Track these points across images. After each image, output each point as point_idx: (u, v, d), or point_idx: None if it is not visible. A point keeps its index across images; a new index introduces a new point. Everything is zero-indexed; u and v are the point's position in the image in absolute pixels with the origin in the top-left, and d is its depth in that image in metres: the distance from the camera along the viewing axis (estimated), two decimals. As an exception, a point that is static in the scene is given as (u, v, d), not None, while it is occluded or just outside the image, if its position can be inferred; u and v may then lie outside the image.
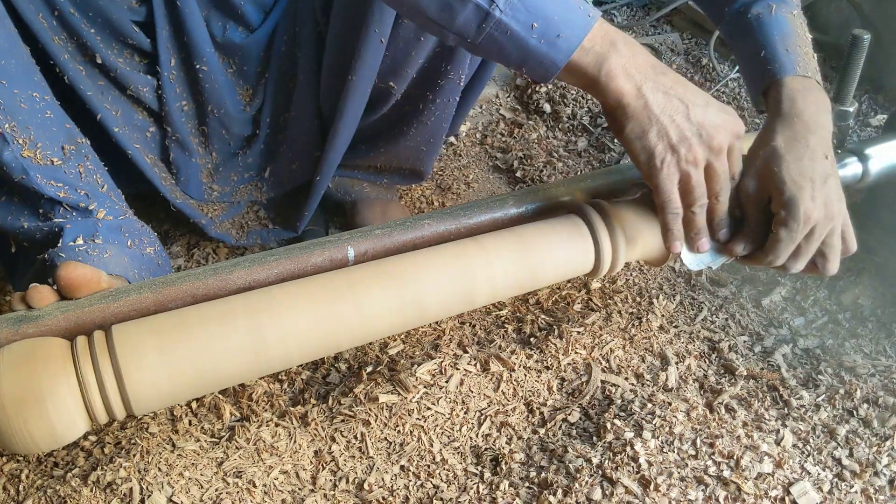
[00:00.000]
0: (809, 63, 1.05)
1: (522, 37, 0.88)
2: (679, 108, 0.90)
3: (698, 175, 0.94)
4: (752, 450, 1.12)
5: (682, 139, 0.91)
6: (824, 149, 0.99)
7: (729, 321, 1.37)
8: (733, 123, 0.95)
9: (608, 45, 0.89)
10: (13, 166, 1.02)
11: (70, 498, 1.02)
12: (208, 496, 1.04)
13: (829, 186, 0.98)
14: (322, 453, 1.13)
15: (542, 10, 0.88)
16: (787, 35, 1.06)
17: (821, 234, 1.00)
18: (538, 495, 1.07)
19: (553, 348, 1.28)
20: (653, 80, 0.90)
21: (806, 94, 1.02)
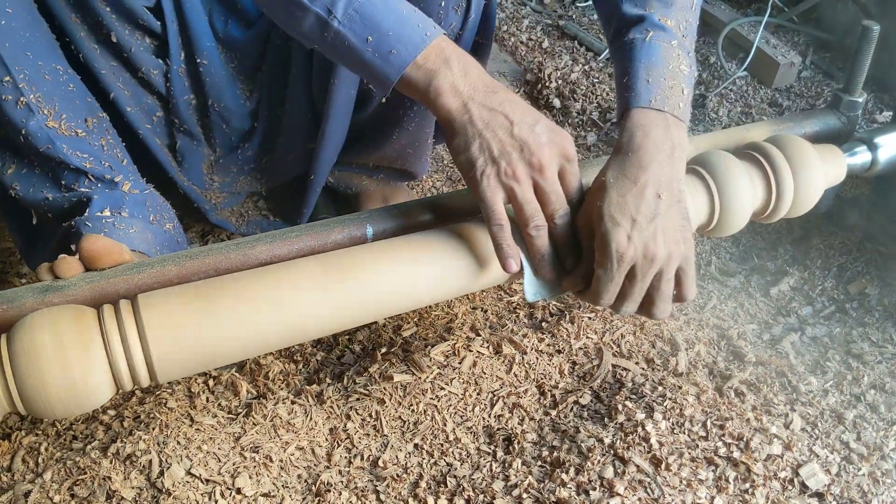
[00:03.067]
0: (670, 98, 0.97)
1: (358, 49, 0.91)
2: (503, 124, 0.90)
3: (523, 191, 0.91)
4: (761, 432, 1.14)
5: (502, 153, 0.90)
6: (658, 187, 0.92)
7: (738, 310, 1.39)
8: (561, 144, 0.93)
9: (440, 63, 0.91)
10: (39, 136, 1.04)
11: (90, 469, 1.04)
12: (226, 469, 1.06)
13: (655, 227, 0.91)
14: (337, 431, 1.15)
15: (378, 25, 0.91)
16: (654, 65, 0.98)
17: (644, 275, 0.93)
18: (551, 473, 1.09)
19: (565, 332, 1.30)
20: (481, 97, 0.91)
21: (650, 129, 0.95)
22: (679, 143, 0.97)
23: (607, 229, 0.91)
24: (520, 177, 0.90)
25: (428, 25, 0.92)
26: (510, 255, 0.92)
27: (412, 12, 0.93)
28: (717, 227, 1.10)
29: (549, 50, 2.16)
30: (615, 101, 1.16)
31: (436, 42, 0.92)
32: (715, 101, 1.96)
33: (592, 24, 2.30)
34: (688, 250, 0.95)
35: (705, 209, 1.08)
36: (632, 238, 0.90)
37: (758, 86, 2.03)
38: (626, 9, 1.04)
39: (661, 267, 0.93)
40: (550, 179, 0.92)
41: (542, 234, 0.94)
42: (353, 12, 0.91)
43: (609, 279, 0.93)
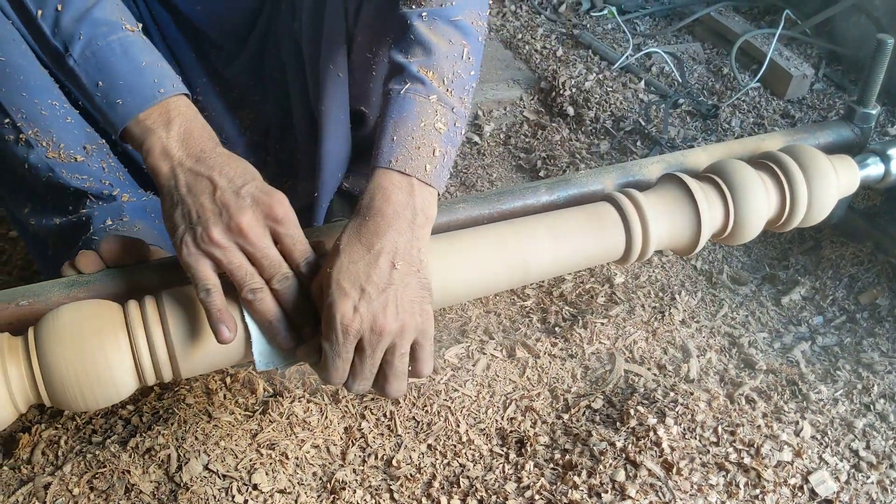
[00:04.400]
0: (415, 160, 0.88)
1: (89, 90, 0.88)
2: (206, 189, 0.85)
3: (228, 257, 0.84)
4: (771, 439, 1.15)
5: (199, 219, 0.84)
6: (394, 256, 0.85)
7: (749, 318, 1.40)
8: (268, 206, 0.85)
9: (161, 123, 0.87)
10: (39, 167, 1.10)
11: (109, 462, 1.05)
12: (243, 465, 1.07)
13: (387, 297, 0.84)
14: (352, 430, 1.16)
15: (111, 72, 0.87)
16: (404, 122, 0.90)
17: (373, 350, 0.85)
18: (563, 475, 1.10)
19: (577, 338, 1.31)
20: (191, 163, 0.86)
21: (391, 193, 0.87)
22: (422, 210, 0.89)
23: (334, 298, 0.84)
24: (219, 241, 0.84)
25: (166, 82, 0.89)
26: (220, 319, 0.84)
27: (154, 66, 0.89)
28: (730, 234, 1.12)
29: (564, 58, 2.17)
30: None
31: (168, 101, 0.88)
32: (728, 112, 1.97)
33: (606, 33, 2.32)
34: (424, 323, 0.88)
35: (720, 217, 1.10)
36: (358, 309, 0.83)
37: (770, 97, 2.05)
38: (393, 55, 0.96)
39: (394, 341, 0.86)
40: (257, 244, 0.85)
41: (261, 297, 0.86)
42: (89, 54, 0.88)
43: (336, 354, 0.85)
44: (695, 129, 1.92)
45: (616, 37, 2.30)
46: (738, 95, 2.03)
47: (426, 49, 0.93)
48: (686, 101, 2.00)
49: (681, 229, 1.08)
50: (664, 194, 1.09)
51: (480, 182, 1.78)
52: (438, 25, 0.94)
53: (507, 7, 2.46)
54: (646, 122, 1.90)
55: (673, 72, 2.12)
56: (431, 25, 0.94)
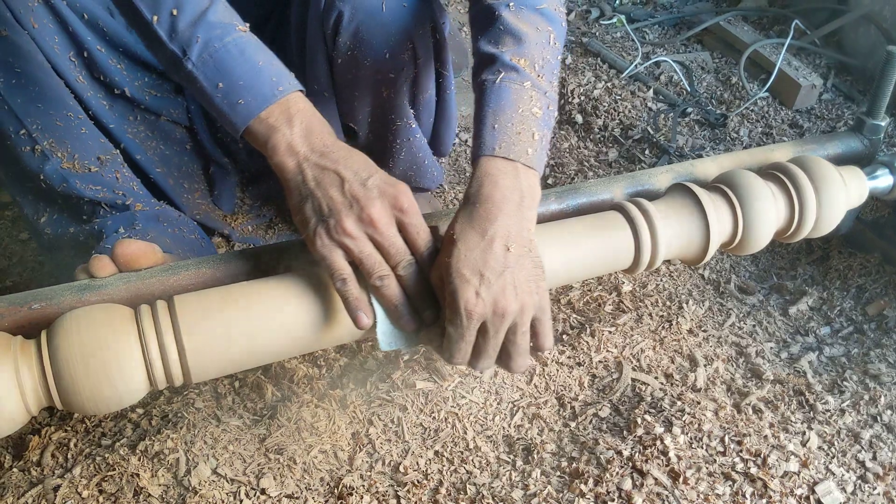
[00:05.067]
0: (517, 145, 0.92)
1: (208, 92, 0.91)
2: (334, 182, 0.88)
3: (359, 246, 0.88)
4: (778, 449, 1.15)
5: (332, 211, 0.88)
6: (506, 240, 0.88)
7: (756, 328, 1.40)
8: (393, 197, 0.89)
9: (283, 121, 0.90)
10: (54, 177, 1.14)
11: (118, 465, 1.06)
12: (251, 470, 1.08)
13: (504, 280, 0.87)
14: (360, 435, 1.17)
15: (230, 73, 0.90)
16: (502, 110, 0.93)
17: (497, 330, 0.89)
18: (570, 483, 1.10)
19: (585, 346, 1.31)
20: (316, 157, 0.90)
21: (498, 178, 0.91)
22: (529, 192, 0.92)
23: (455, 286, 0.87)
24: (351, 232, 0.88)
25: (284, 80, 0.92)
26: (358, 307, 0.89)
27: (270, 65, 0.92)
28: (739, 244, 1.12)
29: (573, 66, 2.18)
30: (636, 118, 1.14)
31: (287, 98, 0.91)
32: (736, 121, 1.97)
33: (615, 42, 2.32)
34: (542, 300, 0.91)
35: (729, 227, 1.10)
36: (480, 294, 0.87)
37: (779, 107, 2.05)
38: (482, 46, 0.99)
39: (515, 320, 0.89)
40: (385, 233, 0.89)
41: (388, 283, 0.90)
42: (207, 56, 0.90)
43: (459, 337, 0.89)
44: (703, 138, 1.93)
45: (625, 45, 2.31)
46: (747, 105, 2.03)
47: (516, 38, 0.97)
48: (694, 109, 2.00)
49: (690, 239, 1.08)
50: (673, 204, 1.09)
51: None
52: (525, 14, 0.98)
53: (516, 14, 2.46)
54: (654, 131, 1.90)
55: (682, 81, 2.12)
56: (519, 14, 0.98)
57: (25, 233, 1.58)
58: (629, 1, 2.55)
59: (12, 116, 1.09)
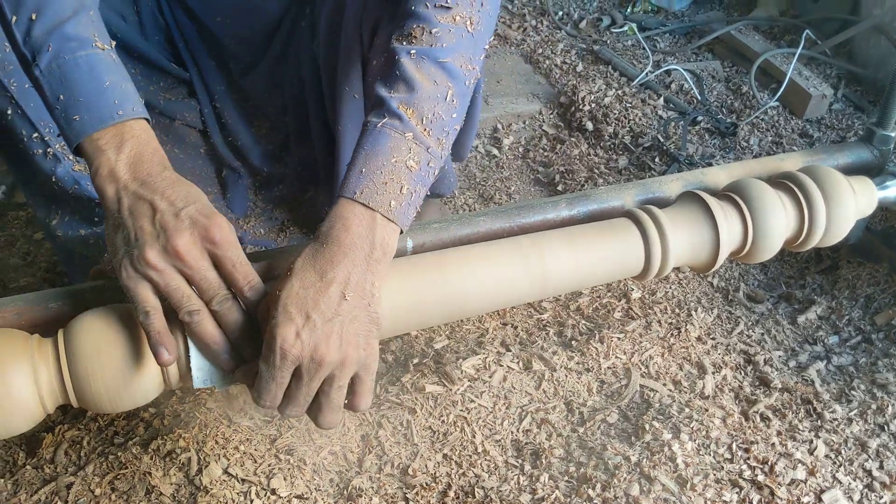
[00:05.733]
0: (381, 195, 0.88)
1: (50, 103, 0.88)
2: (147, 212, 0.84)
3: (164, 279, 0.83)
4: (786, 457, 1.16)
5: (137, 241, 0.83)
6: (345, 287, 0.85)
7: (765, 336, 1.41)
8: (205, 229, 0.84)
9: (112, 145, 0.86)
10: (66, 179, 1.15)
11: (131, 464, 1.07)
12: (261, 470, 1.09)
13: (332, 327, 0.83)
14: (369, 438, 1.18)
15: (73, 87, 0.87)
16: (375, 156, 0.89)
17: (311, 378, 0.84)
18: (577, 488, 1.11)
19: (594, 352, 1.32)
20: (136, 186, 0.85)
21: (351, 223, 0.87)
22: (381, 245, 0.88)
23: (277, 322, 0.83)
24: (155, 264, 0.83)
25: (127, 105, 0.88)
26: (159, 342, 0.84)
27: (117, 87, 0.88)
28: (749, 253, 1.13)
29: (584, 74, 2.19)
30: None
31: (125, 123, 0.87)
32: (746, 130, 1.98)
33: (626, 50, 2.33)
34: (368, 357, 0.87)
35: (738, 235, 1.11)
36: (301, 335, 0.82)
37: (789, 116, 2.05)
38: (376, 88, 0.95)
39: (333, 372, 0.85)
40: (195, 265, 0.84)
41: (198, 319, 0.85)
42: (55, 67, 0.87)
43: (271, 377, 0.84)
44: (713, 147, 1.93)
45: (636, 53, 2.32)
46: (757, 114, 2.04)
47: (409, 86, 0.92)
48: (705, 118, 2.01)
49: (699, 246, 1.09)
50: (684, 211, 1.10)
51: (498, 195, 1.79)
52: (426, 65, 0.93)
53: (527, 22, 2.48)
54: (664, 139, 1.91)
55: (692, 89, 2.13)
56: (419, 64, 0.93)
57: (40, 233, 1.60)
58: (640, 10, 2.56)
59: (25, 120, 1.10)
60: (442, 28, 0.94)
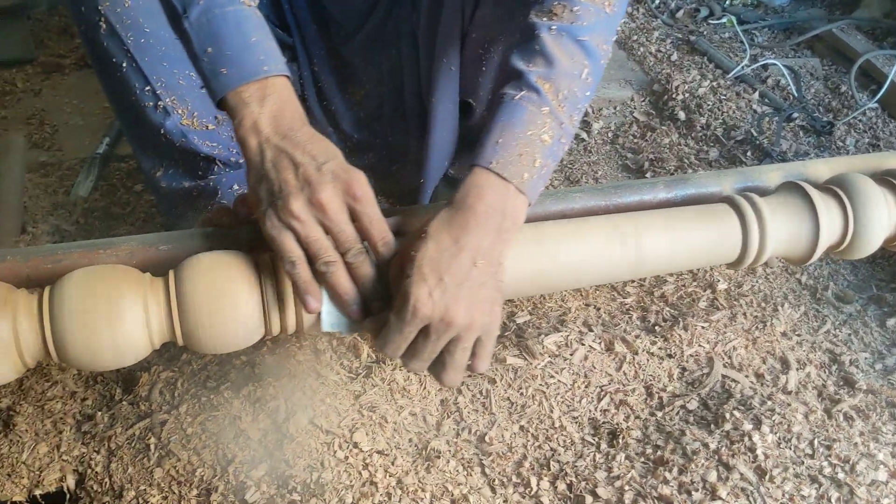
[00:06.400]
0: (515, 166, 0.90)
1: (196, 55, 0.92)
2: (290, 165, 0.87)
3: (305, 230, 0.87)
4: (867, 457, 1.14)
5: (282, 193, 0.87)
6: (476, 254, 0.87)
7: (852, 336, 1.39)
8: (346, 184, 0.87)
9: (256, 99, 0.90)
10: (174, 132, 1.18)
11: (222, 407, 1.11)
12: (345, 424, 1.12)
13: (461, 291, 0.86)
14: (448, 403, 1.20)
15: (220, 41, 0.90)
16: (511, 127, 0.91)
17: (438, 337, 0.88)
18: (654, 470, 1.11)
19: (677, 338, 1.32)
20: (278, 139, 0.89)
21: (485, 192, 0.89)
22: (512, 215, 0.91)
23: (412, 280, 0.86)
24: (299, 215, 0.86)
25: (271, 62, 0.92)
26: (307, 291, 0.89)
27: (262, 44, 0.92)
28: (847, 248, 1.11)
29: (678, 63, 2.17)
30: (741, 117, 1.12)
31: (268, 79, 0.91)
32: (843, 130, 1.94)
33: (723, 42, 2.30)
34: (492, 323, 0.90)
35: (839, 229, 1.09)
36: (433, 295, 0.85)
37: (888, 119, 2.00)
38: (513, 60, 0.97)
39: (459, 334, 0.88)
40: (335, 219, 0.87)
41: (334, 270, 0.88)
42: (204, 20, 0.91)
43: (398, 330, 0.88)
44: (807, 145, 1.90)
45: (733, 46, 2.28)
46: (855, 114, 1.99)
47: (548, 61, 0.94)
48: (800, 115, 1.97)
49: (798, 237, 1.08)
50: (784, 201, 1.09)
51: (585, 178, 1.79)
52: (565, 41, 0.95)
53: (623, 8, 2.46)
54: (758, 134, 1.88)
55: (789, 85, 2.09)
56: (558, 40, 0.95)
57: (139, 185, 1.65)
58: (740, 2, 2.51)
59: (139, 73, 1.14)
60: (582, 7, 0.96)
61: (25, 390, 1.16)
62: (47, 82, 1.98)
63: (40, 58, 2.06)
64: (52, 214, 1.55)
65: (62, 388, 1.17)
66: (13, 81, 1.97)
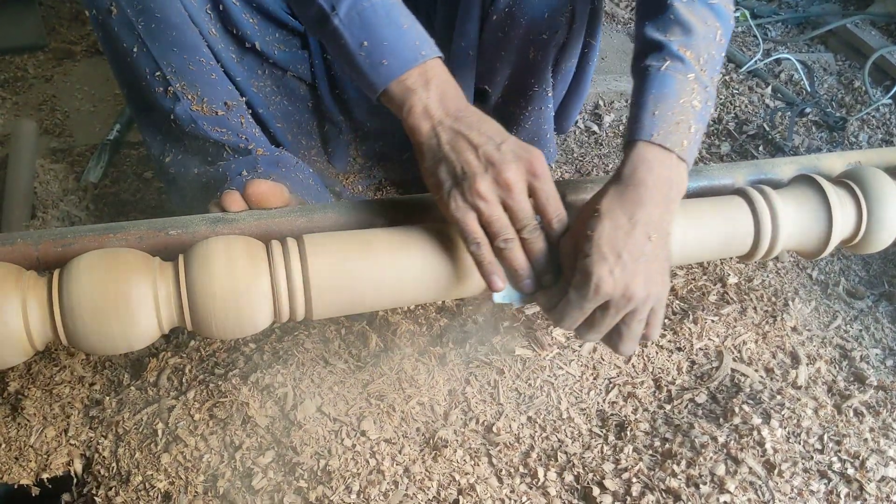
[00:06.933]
0: (675, 135, 0.93)
1: (352, 51, 0.93)
2: (469, 146, 0.90)
3: (490, 209, 0.89)
4: (878, 453, 1.13)
5: (467, 174, 0.89)
6: (649, 228, 0.90)
7: (863, 332, 1.38)
8: (527, 161, 0.90)
9: (420, 84, 0.92)
10: (184, 118, 1.19)
11: (230, 393, 1.11)
12: (353, 412, 1.12)
13: (639, 266, 0.89)
14: (456, 393, 1.20)
15: (376, 32, 0.92)
16: (664, 98, 0.94)
17: (618, 311, 0.91)
18: (661, 463, 1.11)
19: (687, 332, 1.31)
20: (451, 121, 0.91)
21: (653, 165, 0.92)
22: (678, 183, 0.94)
23: (593, 259, 0.88)
24: (486, 196, 0.89)
25: (426, 46, 0.93)
26: (492, 271, 0.92)
27: (413, 29, 0.94)
28: (860, 242, 1.10)
29: (690, 57, 2.15)
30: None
31: (427, 63, 0.93)
32: (856, 126, 1.92)
33: (736, 36, 2.29)
34: (663, 292, 0.93)
35: (852, 222, 1.09)
36: (614, 273, 0.88)
37: (902, 115, 1.99)
38: (649, 32, 1.00)
39: (637, 306, 0.91)
40: (518, 197, 0.90)
41: (512, 247, 0.91)
42: (355, 14, 0.93)
43: (579, 306, 0.91)
44: (820, 140, 1.88)
45: (746, 40, 2.27)
46: (868, 110, 1.98)
47: (685, 29, 0.97)
48: (813, 110, 1.96)
49: (811, 230, 1.07)
50: (798, 194, 1.08)
51: (596, 171, 1.78)
52: (696, 7, 0.98)
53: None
54: (770, 128, 1.87)
55: (802, 80, 2.07)
56: (690, 6, 0.98)
57: (149, 172, 1.65)
58: (753, -4, 2.50)
59: (150, 58, 1.14)
60: None
61: (34, 374, 1.17)
62: (59, 69, 1.98)
63: (52, 44, 2.06)
64: (62, 200, 1.55)
65: (70, 372, 1.17)
66: (25, 68, 1.97)
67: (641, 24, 1.02)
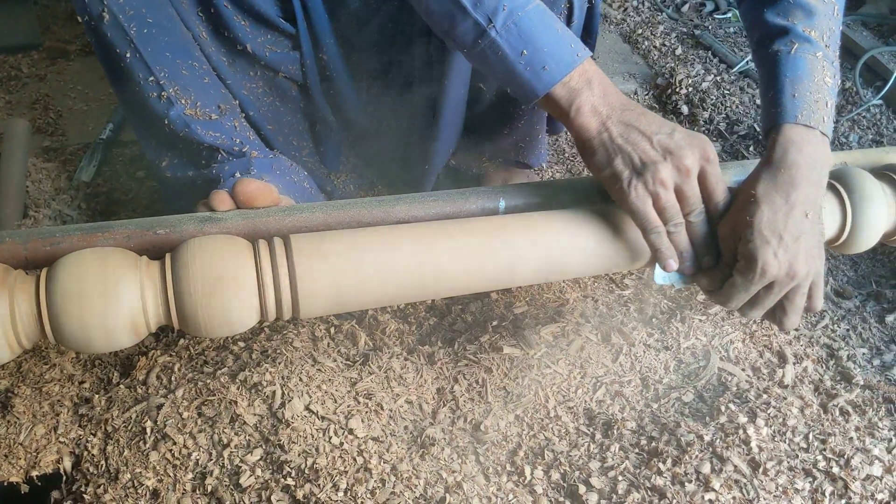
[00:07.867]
0: (816, 112, 0.98)
1: (511, 60, 0.95)
2: (642, 137, 0.94)
3: (667, 196, 0.95)
4: (863, 452, 1.14)
5: (646, 163, 0.94)
6: (805, 206, 0.95)
7: (850, 332, 1.39)
8: (701, 147, 0.95)
9: (584, 84, 0.95)
10: (178, 122, 1.19)
11: (218, 392, 1.12)
12: (341, 410, 1.12)
13: (799, 245, 0.95)
14: (444, 391, 1.20)
15: (534, 39, 0.95)
16: (800, 79, 0.99)
17: (781, 289, 0.98)
18: (647, 461, 1.12)
19: (674, 331, 1.32)
20: (618, 115, 0.95)
21: (802, 146, 0.97)
22: (826, 160, 0.99)
23: (756, 245, 0.94)
24: (666, 182, 0.94)
25: (579, 46, 0.97)
26: (670, 255, 0.97)
27: (566, 32, 0.97)
28: (845, 242, 1.11)
29: (682, 57, 2.16)
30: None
31: (584, 63, 0.96)
32: (846, 126, 1.93)
33: (728, 36, 2.29)
34: (822, 265, 0.99)
35: (836, 224, 1.09)
36: (777, 255, 0.94)
37: (892, 116, 2.00)
38: (770, 18, 1.05)
39: (800, 283, 0.97)
40: (692, 182, 0.96)
41: (680, 230, 0.97)
42: (511, 24, 0.95)
43: (745, 288, 0.97)
44: (810, 141, 1.89)
45: (737, 41, 2.28)
46: (859, 111, 1.99)
47: (806, 10, 1.02)
48: (804, 111, 1.96)
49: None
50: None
51: (587, 172, 1.78)
52: None
53: (629, 2, 2.45)
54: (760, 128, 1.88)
55: (793, 81, 2.08)
56: None
57: (142, 171, 1.66)
58: (746, -3, 2.51)
59: (143, 63, 1.15)
60: None
61: (24, 373, 1.17)
62: (52, 68, 1.99)
63: (46, 43, 2.07)
64: (54, 199, 1.56)
65: (60, 371, 1.18)
66: (18, 66, 1.97)
67: (759, 11, 1.06)
